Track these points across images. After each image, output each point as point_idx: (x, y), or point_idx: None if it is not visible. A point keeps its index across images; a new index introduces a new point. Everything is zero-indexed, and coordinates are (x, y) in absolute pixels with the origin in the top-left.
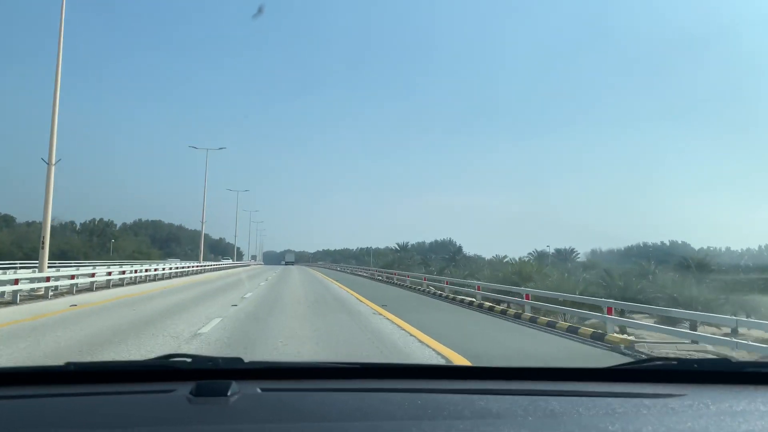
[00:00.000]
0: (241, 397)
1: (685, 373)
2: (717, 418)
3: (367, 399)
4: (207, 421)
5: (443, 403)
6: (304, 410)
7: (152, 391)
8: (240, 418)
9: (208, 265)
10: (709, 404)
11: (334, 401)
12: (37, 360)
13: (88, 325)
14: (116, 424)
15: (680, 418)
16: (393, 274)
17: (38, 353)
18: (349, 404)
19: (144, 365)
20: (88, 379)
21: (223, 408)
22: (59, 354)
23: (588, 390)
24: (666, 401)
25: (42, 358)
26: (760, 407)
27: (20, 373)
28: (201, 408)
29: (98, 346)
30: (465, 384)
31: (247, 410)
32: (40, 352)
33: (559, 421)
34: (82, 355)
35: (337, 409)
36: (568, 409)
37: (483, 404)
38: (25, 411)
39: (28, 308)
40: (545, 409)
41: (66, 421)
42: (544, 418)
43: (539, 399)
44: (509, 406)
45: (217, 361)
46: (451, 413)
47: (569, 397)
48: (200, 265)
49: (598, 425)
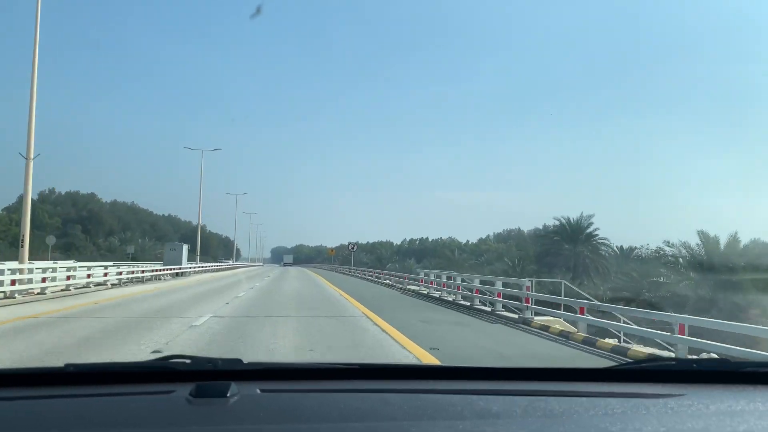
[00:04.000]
0: (240, 398)
1: (684, 373)
2: (716, 418)
3: (367, 400)
4: (206, 422)
5: (442, 403)
6: (303, 411)
7: (151, 392)
8: (239, 419)
9: (196, 267)
10: (708, 404)
11: (333, 402)
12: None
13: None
14: (115, 425)
15: (679, 418)
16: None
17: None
18: (349, 405)
19: (143, 366)
20: (86, 380)
21: (223, 409)
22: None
23: (587, 390)
24: (665, 401)
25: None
26: (759, 407)
27: (19, 374)
28: (200, 409)
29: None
30: (464, 384)
31: (247, 411)
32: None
33: (559, 422)
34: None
35: (336, 409)
36: (567, 410)
37: (482, 404)
38: (24, 412)
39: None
40: (544, 410)
41: (65, 422)
42: (543, 419)
43: (538, 399)
44: (508, 407)
45: (216, 362)
46: (451, 414)
47: (568, 398)
48: (175, 269)
49: (597, 425)
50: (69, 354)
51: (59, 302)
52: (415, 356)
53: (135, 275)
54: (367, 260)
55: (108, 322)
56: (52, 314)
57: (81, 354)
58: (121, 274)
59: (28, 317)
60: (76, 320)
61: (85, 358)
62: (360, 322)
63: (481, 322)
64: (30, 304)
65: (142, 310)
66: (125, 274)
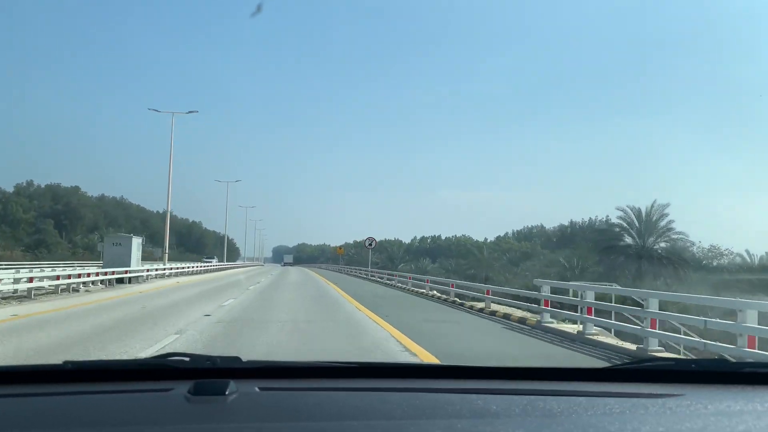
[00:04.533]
0: (239, 396)
1: (682, 373)
2: (714, 418)
3: (366, 398)
4: (205, 420)
5: (441, 402)
6: (302, 409)
7: (150, 390)
8: (238, 417)
9: (158, 269)
10: (706, 404)
11: (332, 400)
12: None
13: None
14: (114, 422)
15: (678, 418)
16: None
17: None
18: (348, 403)
19: (142, 364)
20: (85, 377)
21: (221, 407)
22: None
23: (586, 390)
24: (664, 401)
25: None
26: (757, 407)
27: (17, 371)
28: (199, 407)
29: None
30: (463, 383)
31: (245, 409)
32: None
33: (557, 421)
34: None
35: (335, 408)
36: (565, 409)
37: (481, 404)
38: (22, 410)
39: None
40: (543, 409)
41: (63, 419)
42: (542, 418)
43: (537, 399)
44: (507, 406)
45: (215, 360)
46: (450, 413)
47: (567, 397)
48: (119, 274)
49: (596, 425)
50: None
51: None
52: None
53: (36, 284)
54: (376, 259)
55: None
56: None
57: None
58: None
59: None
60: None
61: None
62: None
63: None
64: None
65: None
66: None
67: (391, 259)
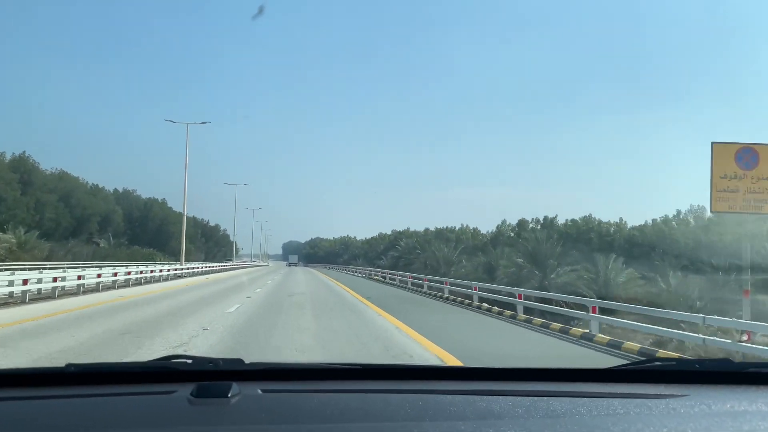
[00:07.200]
0: (241, 398)
1: (686, 373)
2: (719, 418)
3: (369, 400)
4: (208, 422)
5: (445, 404)
6: (304, 411)
7: (153, 392)
8: (241, 419)
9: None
10: (710, 405)
11: (335, 402)
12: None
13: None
14: (117, 425)
15: (682, 419)
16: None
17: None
18: (351, 405)
19: (144, 366)
20: (88, 380)
21: (224, 409)
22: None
23: (589, 391)
24: (668, 402)
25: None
26: (762, 408)
27: (20, 374)
28: (202, 409)
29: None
30: (466, 385)
31: (248, 411)
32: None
33: (561, 422)
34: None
35: (338, 410)
36: (569, 410)
37: (484, 405)
38: (25, 412)
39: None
40: (546, 410)
41: (66, 422)
42: (545, 419)
43: (540, 400)
44: (511, 407)
45: (217, 363)
46: (453, 414)
47: (570, 398)
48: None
49: (599, 426)
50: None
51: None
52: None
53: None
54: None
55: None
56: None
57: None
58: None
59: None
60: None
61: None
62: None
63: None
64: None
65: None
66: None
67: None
